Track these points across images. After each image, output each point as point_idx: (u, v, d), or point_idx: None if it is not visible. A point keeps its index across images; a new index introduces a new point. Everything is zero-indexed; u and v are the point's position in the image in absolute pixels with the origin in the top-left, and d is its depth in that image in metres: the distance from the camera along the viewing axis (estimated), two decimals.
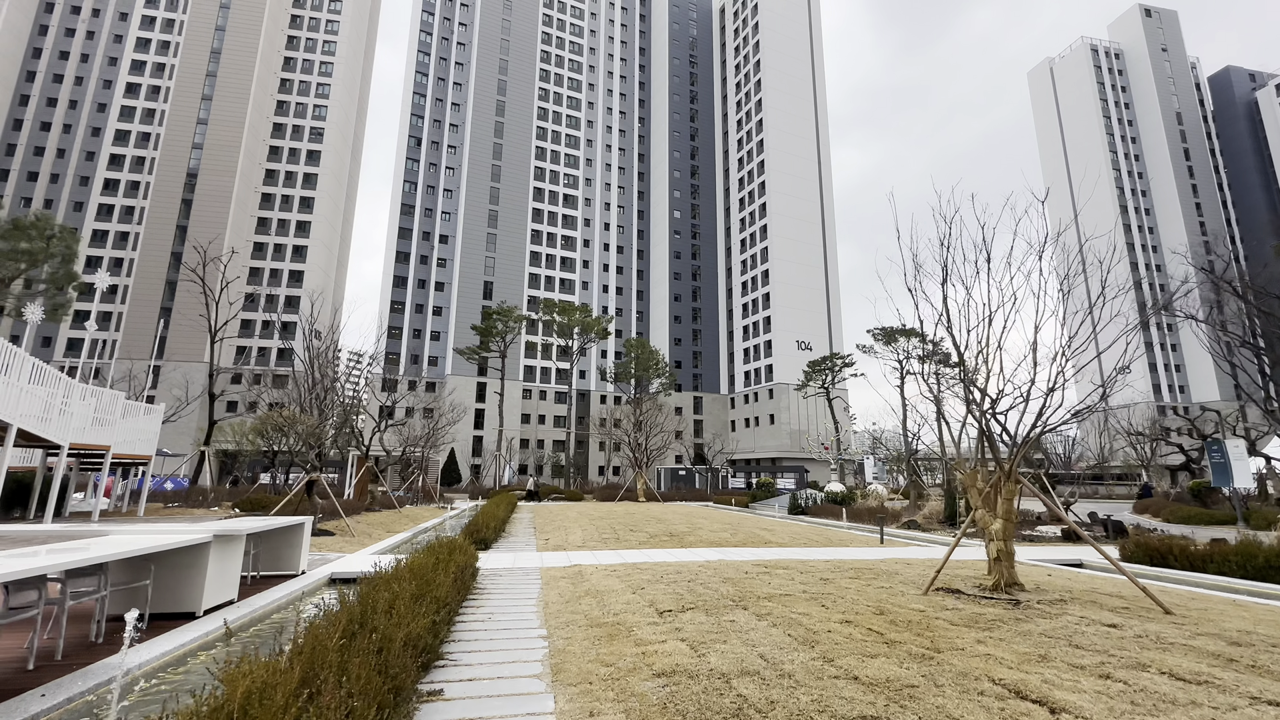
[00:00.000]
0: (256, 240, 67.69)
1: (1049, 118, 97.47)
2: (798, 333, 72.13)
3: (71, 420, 16.24)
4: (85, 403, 17.16)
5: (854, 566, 9.86)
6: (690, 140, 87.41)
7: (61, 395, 16.51)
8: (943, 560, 7.37)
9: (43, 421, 15.06)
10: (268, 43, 70.64)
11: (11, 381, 14.33)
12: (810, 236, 76.34)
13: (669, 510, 26.02)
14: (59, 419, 15.85)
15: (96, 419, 17.35)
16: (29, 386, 14.66)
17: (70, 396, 16.21)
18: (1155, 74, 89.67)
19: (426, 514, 23.89)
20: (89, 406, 17.41)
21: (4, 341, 14.34)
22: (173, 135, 65.51)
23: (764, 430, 71.63)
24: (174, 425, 45.67)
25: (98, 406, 17.88)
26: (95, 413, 17.38)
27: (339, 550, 13.11)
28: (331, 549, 13.23)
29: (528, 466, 67.27)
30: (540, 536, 15.82)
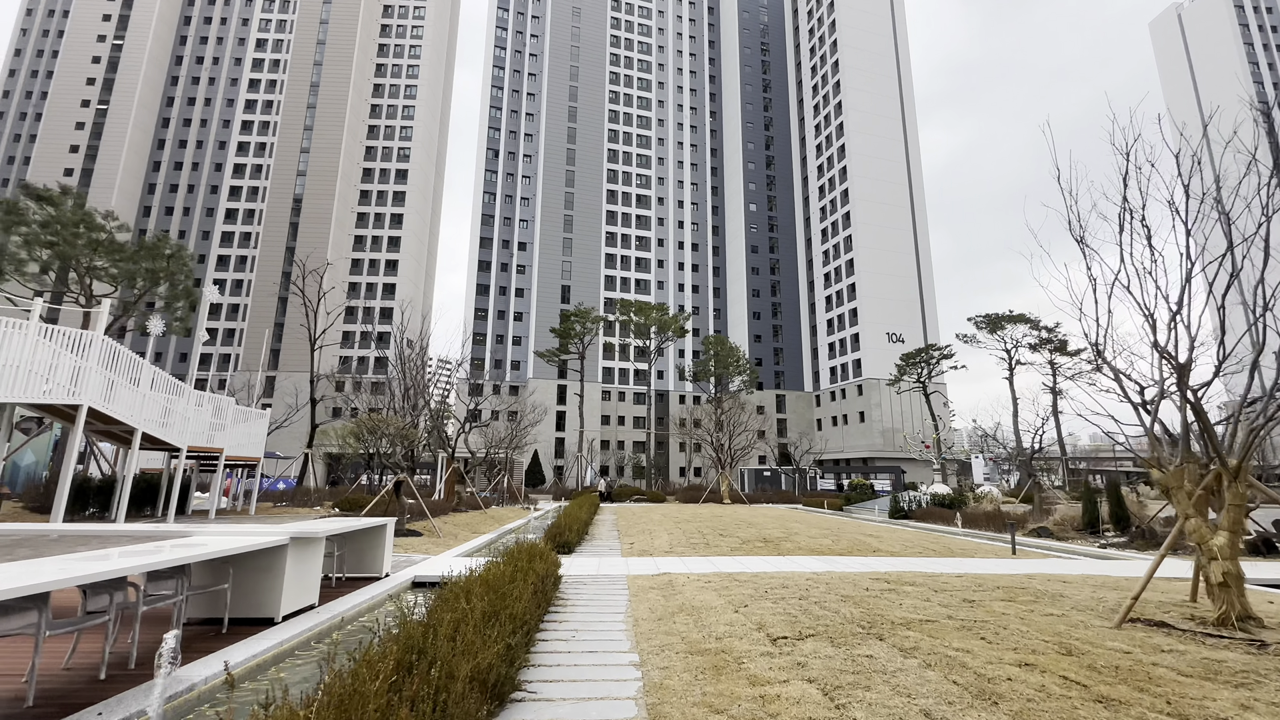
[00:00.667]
0: (354, 257, 72.47)
1: (1177, 69, 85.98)
2: (887, 324, 67.70)
3: (189, 425, 17.38)
4: (200, 408, 18.36)
5: (999, 584, 8.26)
6: (764, 130, 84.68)
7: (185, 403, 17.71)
8: (1142, 582, 5.74)
9: (163, 426, 16.13)
10: (359, 73, 75.59)
11: (137, 390, 15.44)
12: (898, 222, 71.54)
13: (757, 513, 24.59)
14: (178, 424, 16.99)
15: (212, 424, 18.53)
16: (150, 393, 15.76)
17: (186, 403, 17.35)
18: None
19: (511, 515, 23.92)
20: (205, 412, 18.63)
21: (129, 352, 15.49)
22: (280, 165, 71.51)
23: (853, 429, 67.78)
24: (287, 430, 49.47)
25: (212, 412, 19.11)
26: (210, 418, 18.56)
27: (424, 551, 12.97)
28: (418, 550, 13.12)
29: (608, 468, 67.46)
30: (624, 540, 15.07)
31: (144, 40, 73.13)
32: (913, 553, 13.12)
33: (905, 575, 9.06)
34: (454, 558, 12.18)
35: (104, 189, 67.36)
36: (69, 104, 71.65)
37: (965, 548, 14.20)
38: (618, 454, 68.45)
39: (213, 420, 18.63)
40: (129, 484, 15.27)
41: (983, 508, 25.97)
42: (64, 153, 69.74)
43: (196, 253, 71.09)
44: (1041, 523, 20.13)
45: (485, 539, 16.00)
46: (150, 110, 74.16)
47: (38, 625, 4.28)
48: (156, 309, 22.55)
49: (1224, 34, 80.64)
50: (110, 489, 17.04)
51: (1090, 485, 19.44)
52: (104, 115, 71.36)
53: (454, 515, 20.40)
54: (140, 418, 15.26)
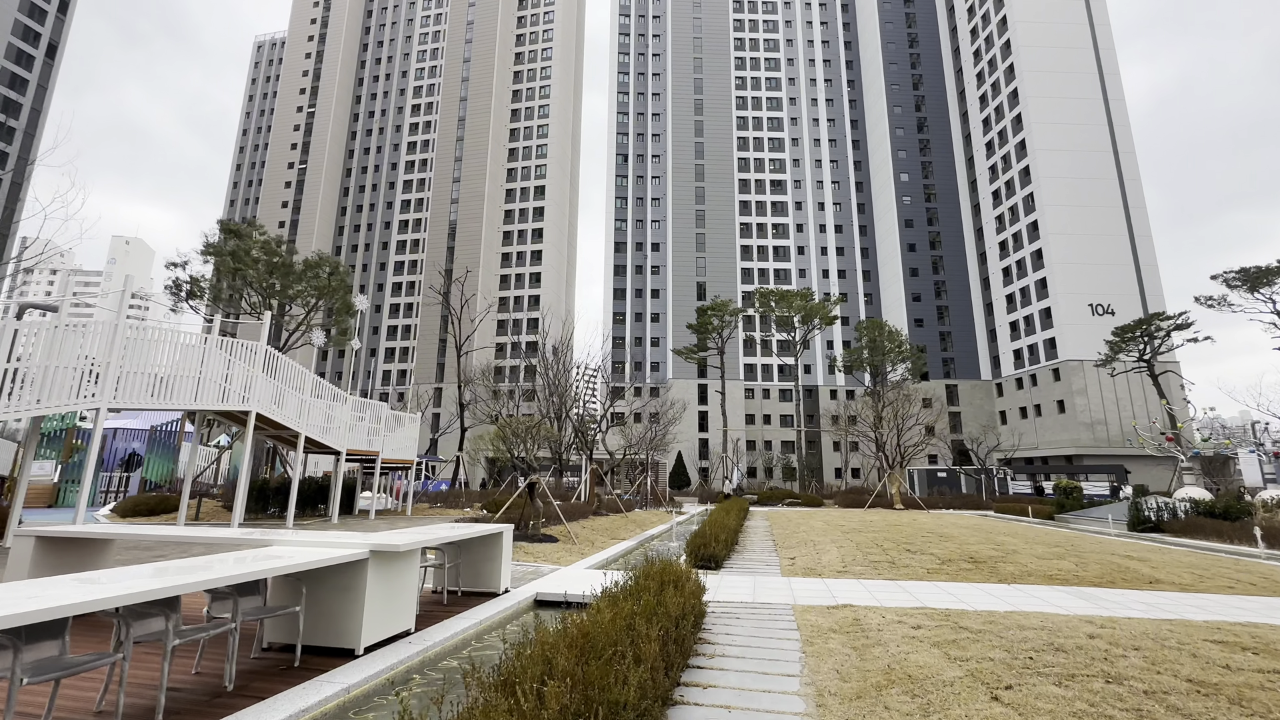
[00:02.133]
0: (502, 274, 77.42)
1: None
2: (1089, 294, 56.17)
3: (349, 430, 18.24)
4: (360, 415, 19.29)
5: None
6: (913, 90, 75.59)
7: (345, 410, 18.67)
8: None
9: (324, 431, 16.95)
10: (498, 102, 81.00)
11: (301, 397, 16.32)
12: (1097, 170, 59.23)
13: (944, 522, 20.41)
14: (339, 429, 17.86)
15: (370, 429, 19.40)
16: (313, 400, 16.62)
17: (346, 409, 18.22)
18: None
19: (654, 519, 22.40)
20: (364, 418, 19.57)
21: (292, 361, 16.48)
22: (437, 195, 78.87)
23: (1049, 421, 57.09)
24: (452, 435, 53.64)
25: (371, 418, 20.05)
26: (369, 423, 19.45)
27: (556, 560, 11.70)
28: (549, 558, 11.89)
29: (756, 469, 64.09)
30: (783, 553, 12.57)
31: (329, 104, 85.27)
32: (1217, 587, 9.01)
33: (1265, 634, 5.58)
34: (586, 569, 10.71)
35: (306, 235, 79.37)
36: (279, 166, 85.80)
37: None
38: (765, 454, 64.80)
39: (371, 425, 19.49)
40: (296, 485, 16.17)
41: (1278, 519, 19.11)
42: (278, 207, 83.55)
43: (375, 281, 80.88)
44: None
45: (625, 545, 14.48)
46: (336, 164, 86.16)
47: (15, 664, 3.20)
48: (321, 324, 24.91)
49: None
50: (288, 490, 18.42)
51: None
52: (304, 174, 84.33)
53: (594, 519, 19.32)
54: (303, 423, 16.10)
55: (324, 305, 23.61)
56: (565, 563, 11.47)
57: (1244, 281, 40.18)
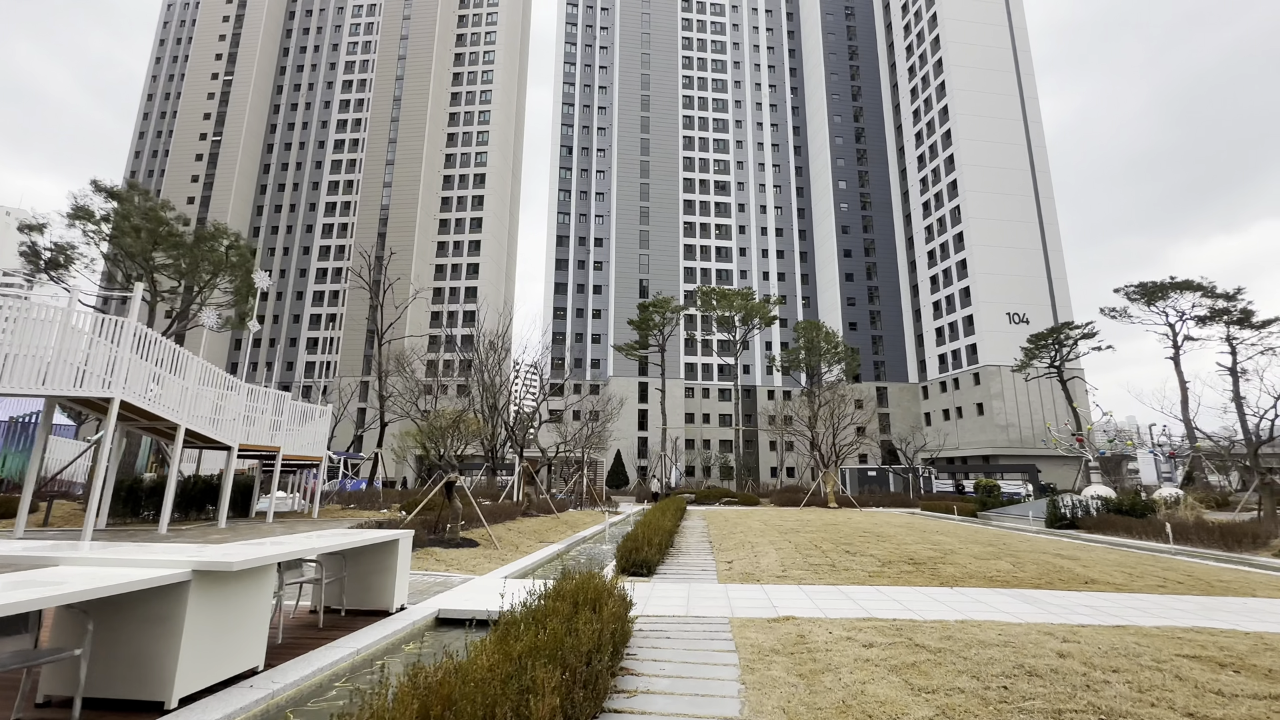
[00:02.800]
0: (437, 263, 74.04)
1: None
2: (1008, 303, 59.53)
3: (244, 423, 16.15)
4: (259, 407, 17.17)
5: None
6: (852, 101, 78.00)
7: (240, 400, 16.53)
8: None
9: (212, 423, 14.85)
10: (437, 84, 77.44)
11: (183, 384, 14.19)
12: (1016, 187, 62.90)
13: (878, 521, 20.45)
14: (232, 421, 15.76)
15: (273, 422, 17.30)
16: (198, 389, 14.51)
17: (242, 399, 16.11)
18: None
19: (588, 519, 21.34)
20: (264, 410, 17.45)
21: (170, 342, 14.32)
22: (368, 179, 74.51)
23: (969, 422, 60.13)
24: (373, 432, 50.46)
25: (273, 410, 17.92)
26: (270, 415, 17.35)
27: (472, 568, 10.45)
28: (464, 566, 10.63)
29: (695, 467, 64.16)
30: (720, 557, 11.83)
31: (250, 73, 78.87)
32: (1149, 586, 8.93)
33: (1215, 636, 5.19)
34: (504, 578, 9.55)
35: (219, 212, 73.03)
36: (189, 137, 78.57)
37: (1226, 579, 9.71)
38: (704, 453, 64.97)
39: (274, 419, 17.40)
40: (172, 484, 14.04)
41: (1176, 514, 20.27)
42: (186, 181, 76.48)
43: (298, 267, 75.52)
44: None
45: (553, 549, 13.37)
46: (256, 138, 79.83)
47: None
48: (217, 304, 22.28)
49: None
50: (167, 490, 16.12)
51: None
52: (218, 146, 77.60)
53: (522, 521, 18.06)
54: (183, 413, 13.98)
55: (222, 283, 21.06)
56: (481, 571, 10.25)
57: (1142, 295, 43.46)
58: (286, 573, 6.50)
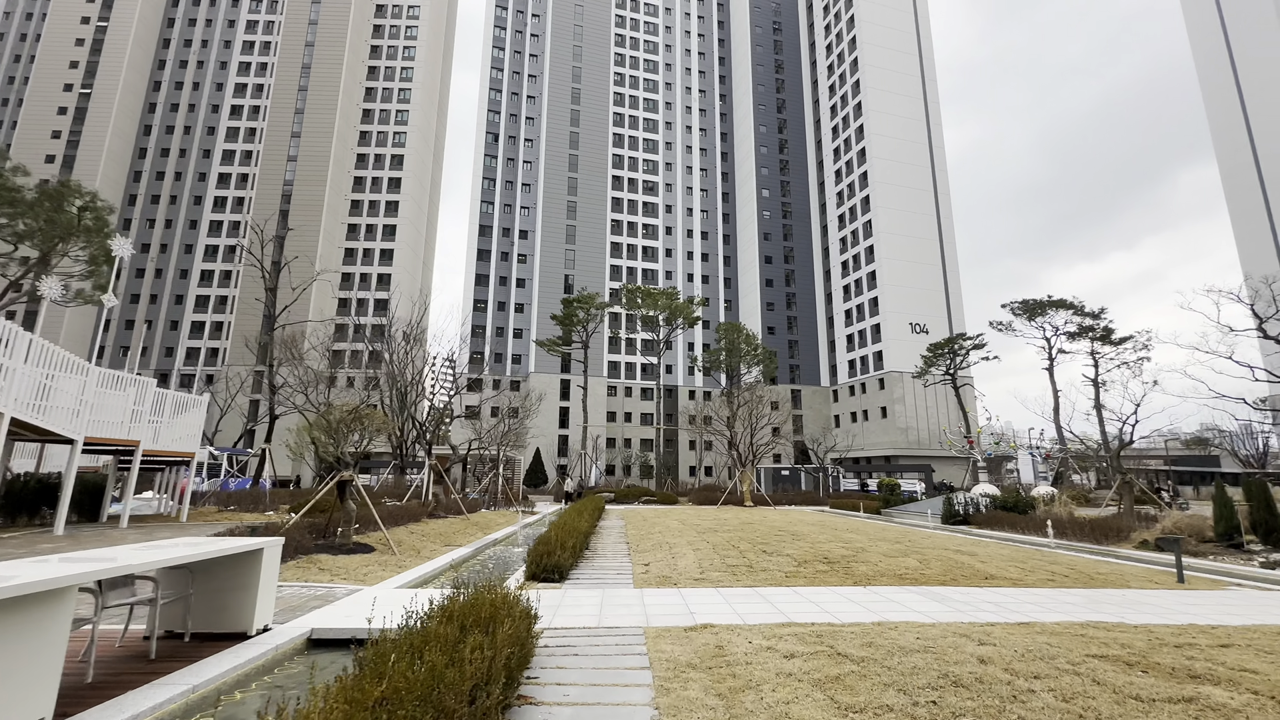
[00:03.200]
0: (347, 246, 69.17)
1: (1213, 45, 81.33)
2: (910, 314, 63.69)
3: (90, 411, 13.83)
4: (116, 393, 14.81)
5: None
6: (778, 112, 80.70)
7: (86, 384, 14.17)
8: None
9: (39, 410, 12.57)
10: (353, 54, 72.30)
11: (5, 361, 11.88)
12: (920, 206, 67.47)
13: (791, 518, 20.88)
14: (70, 409, 13.44)
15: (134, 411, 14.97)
16: (24, 368, 12.20)
17: (88, 384, 13.79)
18: None
19: (501, 520, 20.31)
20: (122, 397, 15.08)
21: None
22: (270, 150, 68.33)
23: (874, 425, 63.80)
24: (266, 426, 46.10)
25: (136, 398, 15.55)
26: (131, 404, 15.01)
27: (362, 577, 9.35)
28: (354, 575, 9.50)
29: (615, 466, 63.86)
30: (637, 558, 11.37)
31: (130, 20, 70.05)
32: (1041, 580, 9.38)
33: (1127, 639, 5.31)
34: (399, 589, 8.58)
35: (86, 176, 64.27)
36: (50, 87, 68.65)
37: (1102, 572, 10.41)
38: (624, 452, 64.80)
39: (135, 408, 15.07)
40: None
41: (1053, 511, 22.16)
42: (45, 138, 66.75)
43: (183, 242, 68.05)
44: (1148, 533, 16.27)
45: (457, 555, 12.37)
46: (136, 96, 71.09)
47: None
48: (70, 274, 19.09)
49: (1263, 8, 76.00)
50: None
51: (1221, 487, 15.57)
52: (87, 99, 68.35)
53: (428, 523, 16.81)
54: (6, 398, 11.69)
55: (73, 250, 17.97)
56: (373, 580, 9.18)
57: (1024, 311, 47.74)
58: (111, 592, 5.33)
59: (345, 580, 9.15)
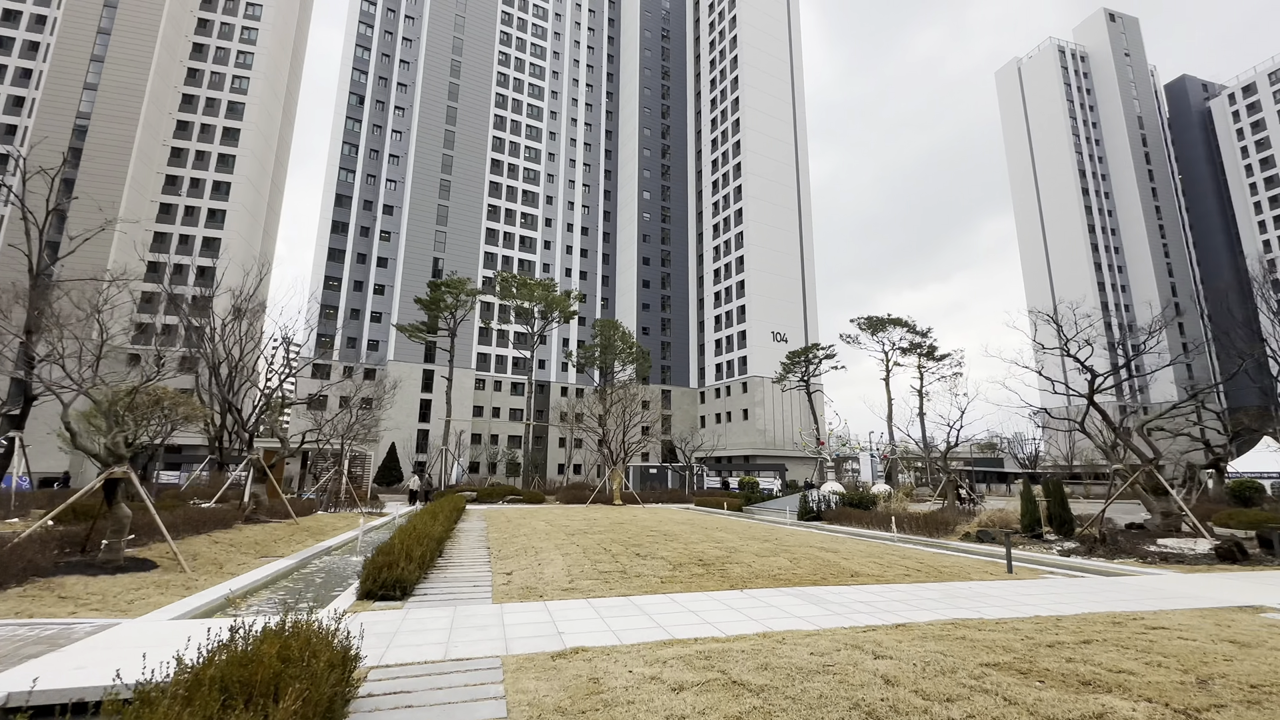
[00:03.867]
0: (164, 200, 58.43)
1: (1016, 117, 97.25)
2: (773, 324, 68.05)
3: None
4: None
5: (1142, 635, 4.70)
6: (662, 119, 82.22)
7: None
8: None
9: None
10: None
11: None
12: (786, 223, 72.46)
13: (661, 517, 20.67)
14: None
15: None
16: None
17: None
18: (1119, 78, 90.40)
19: (340, 524, 17.73)
20: None
21: None
22: (61, 71, 55.68)
23: (736, 426, 67.23)
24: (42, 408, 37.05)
25: None
26: None
27: (126, 605, 7.13)
28: (114, 604, 7.22)
29: (480, 463, 60.66)
30: (499, 566, 10.12)
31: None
32: (899, 576, 9.71)
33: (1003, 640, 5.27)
34: (176, 620, 6.57)
35: None
36: None
37: (946, 565, 11.13)
38: (490, 449, 61.81)
39: None
40: None
41: (891, 507, 24.32)
42: None
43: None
44: (969, 526, 18.24)
45: (274, 568, 10.19)
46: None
47: None
48: None
49: (1052, 92, 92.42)
50: None
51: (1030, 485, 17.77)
52: None
53: (241, 529, 14.01)
54: None
55: None
56: (139, 610, 7.02)
57: (868, 326, 52.98)
58: None
59: (98, 611, 6.89)
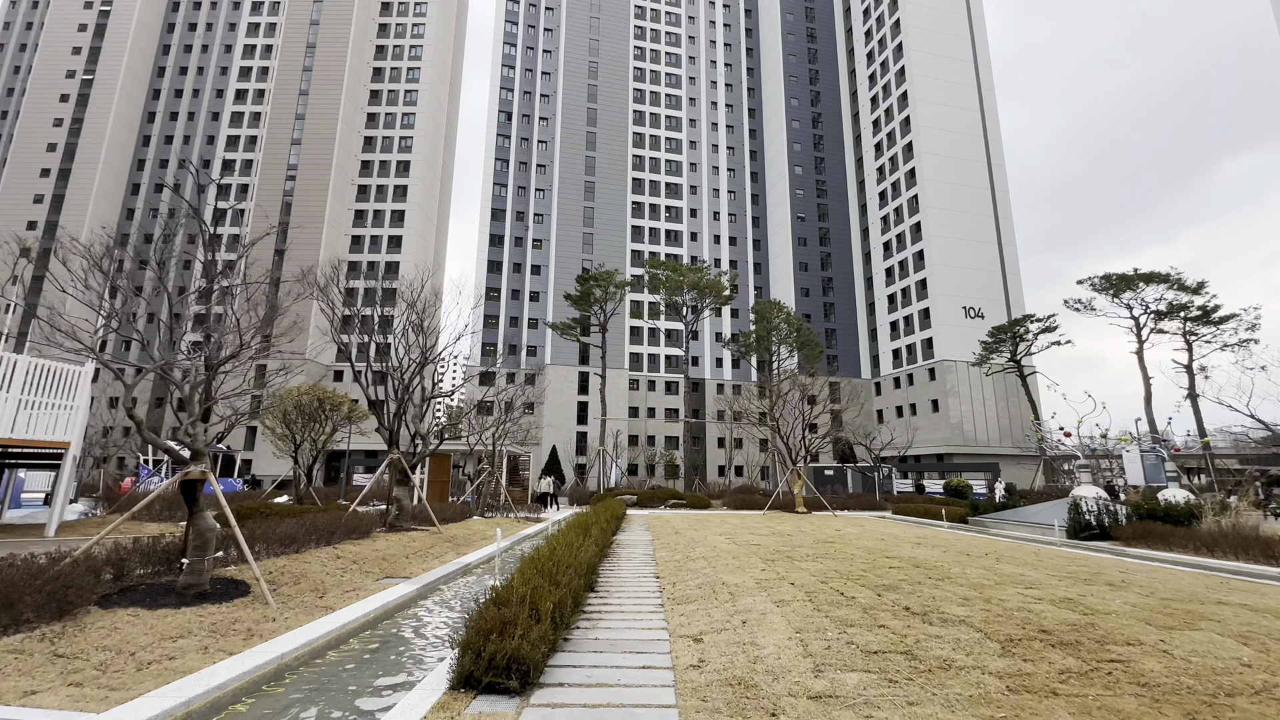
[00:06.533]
0: (354, 233, 65.67)
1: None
2: (964, 297, 57.47)
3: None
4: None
5: None
6: (810, 85, 74.85)
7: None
8: None
9: None
10: (359, 32, 68.84)
11: None
12: (973, 178, 61.12)
13: (875, 533, 15.70)
14: None
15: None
16: None
17: None
18: None
19: (490, 532, 15.54)
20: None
21: None
22: (274, 133, 65.22)
23: (923, 420, 57.67)
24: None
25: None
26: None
27: (135, 672, 4.64)
28: (137, 660, 4.77)
29: (638, 465, 58.96)
30: (678, 621, 6.36)
31: (131, 10, 67.62)
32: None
33: None
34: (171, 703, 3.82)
35: (87, 164, 61.89)
36: (53, 72, 66.54)
37: None
38: (648, 450, 59.83)
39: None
40: None
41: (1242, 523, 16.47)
42: (46, 126, 64.56)
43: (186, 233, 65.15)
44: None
45: (378, 603, 7.53)
46: (140, 81, 68.58)
47: None
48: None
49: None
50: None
51: None
52: (90, 85, 66.03)
53: (377, 539, 12.10)
54: None
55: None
56: (131, 691, 4.36)
57: (1109, 286, 41.48)
58: None
59: (75, 689, 4.37)
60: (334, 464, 49.21)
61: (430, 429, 25.07)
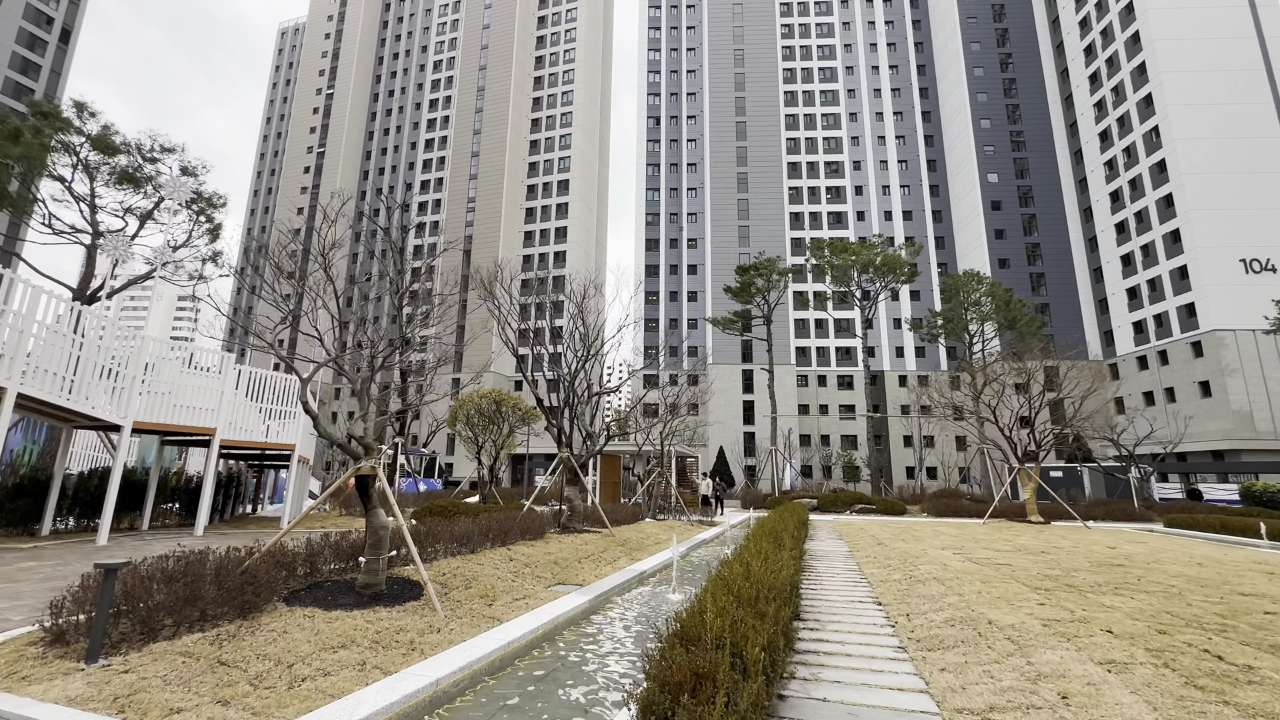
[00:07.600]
0: (524, 253, 70.98)
1: None
2: (1240, 247, 44.31)
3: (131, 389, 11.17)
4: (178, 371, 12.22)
5: None
6: (994, 22, 64.28)
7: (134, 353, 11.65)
8: None
9: (61, 383, 9.82)
10: (519, 68, 74.73)
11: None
12: (1244, 93, 47.07)
13: (1199, 555, 11.62)
14: (103, 385, 10.81)
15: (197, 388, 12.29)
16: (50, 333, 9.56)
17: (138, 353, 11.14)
18: None
19: (664, 536, 14.46)
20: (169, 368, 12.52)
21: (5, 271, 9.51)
22: (455, 172, 73.28)
23: (1187, 407, 45.37)
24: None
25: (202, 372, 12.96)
26: (197, 382, 12.37)
27: (287, 688, 4.09)
28: (290, 675, 4.26)
29: (812, 467, 54.93)
30: (938, 679, 4.35)
31: (348, 85, 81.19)
32: None
33: None
34: None
35: None
36: (299, 151, 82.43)
37: None
38: (822, 450, 55.46)
39: (200, 384, 12.38)
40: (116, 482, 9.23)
41: None
42: (296, 192, 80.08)
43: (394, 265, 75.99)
44: None
45: (548, 616, 6.59)
46: (356, 146, 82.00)
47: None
48: None
49: None
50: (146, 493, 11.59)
51: None
52: (322, 157, 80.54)
53: (552, 540, 11.58)
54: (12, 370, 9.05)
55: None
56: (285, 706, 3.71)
57: None
58: None
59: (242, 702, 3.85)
60: (519, 466, 52.97)
61: (601, 428, 25.16)
